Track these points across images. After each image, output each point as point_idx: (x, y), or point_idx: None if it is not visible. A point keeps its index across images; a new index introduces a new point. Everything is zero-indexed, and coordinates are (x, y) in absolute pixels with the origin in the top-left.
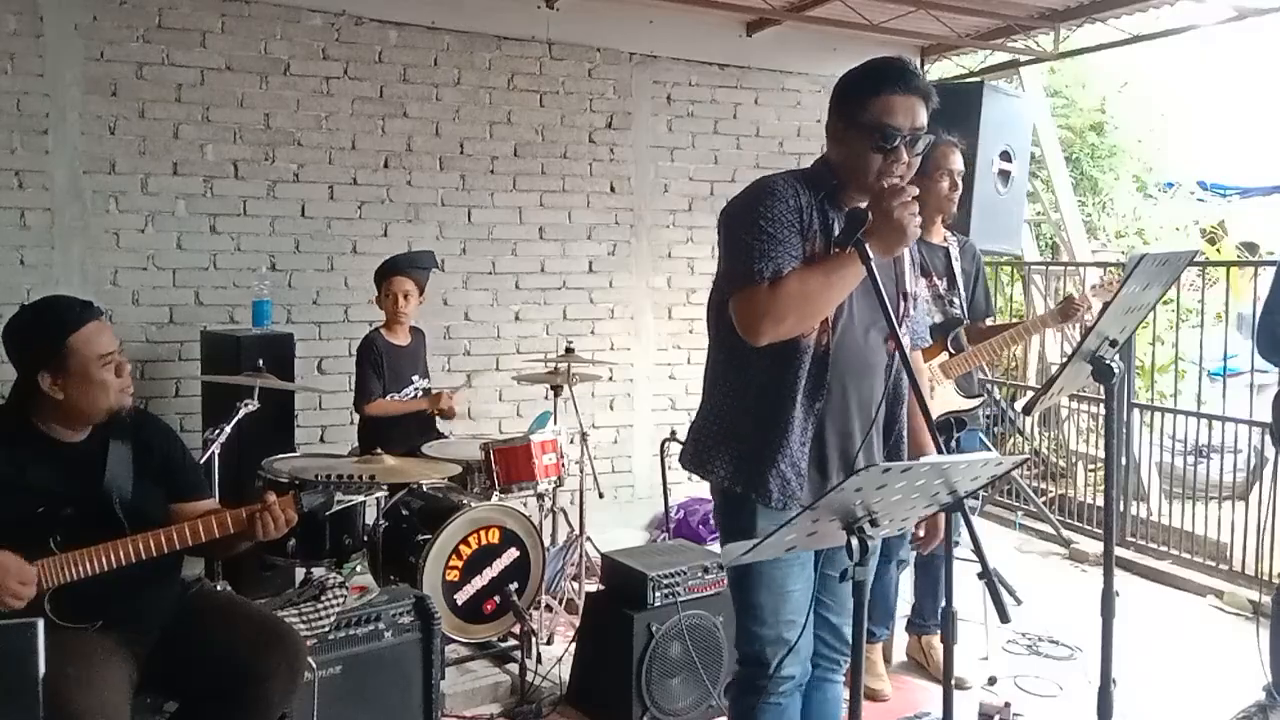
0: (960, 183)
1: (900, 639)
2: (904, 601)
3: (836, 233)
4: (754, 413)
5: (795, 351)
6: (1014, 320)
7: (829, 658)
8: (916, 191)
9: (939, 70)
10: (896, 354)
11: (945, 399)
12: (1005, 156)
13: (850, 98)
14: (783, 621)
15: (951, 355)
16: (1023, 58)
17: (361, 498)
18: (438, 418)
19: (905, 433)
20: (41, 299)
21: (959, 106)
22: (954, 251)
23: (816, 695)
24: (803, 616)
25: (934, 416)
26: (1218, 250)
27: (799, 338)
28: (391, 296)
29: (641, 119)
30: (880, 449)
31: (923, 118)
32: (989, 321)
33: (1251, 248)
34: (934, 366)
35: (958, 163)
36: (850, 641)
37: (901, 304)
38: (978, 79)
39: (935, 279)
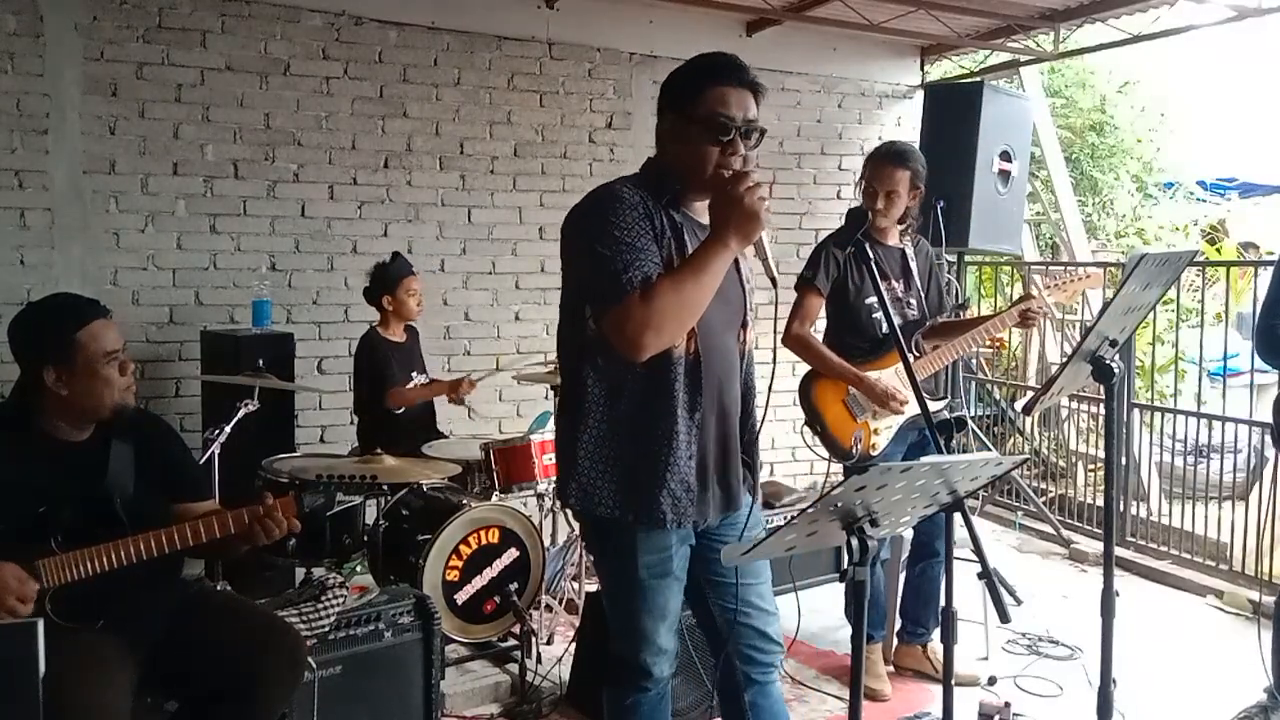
0: (895, 201)
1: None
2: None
3: (685, 238)
4: (636, 434)
5: (668, 364)
6: (974, 319)
7: (762, 662)
8: (760, 178)
9: (939, 70)
10: (747, 348)
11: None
12: (1005, 156)
13: (682, 94)
14: (662, 636)
15: (915, 358)
16: (1023, 58)
17: (362, 498)
18: (452, 402)
19: (758, 425)
20: (49, 296)
21: (959, 106)
22: (909, 252)
23: (764, 702)
24: (676, 622)
25: (908, 417)
26: (1218, 250)
27: (670, 349)
28: (414, 295)
29: (641, 119)
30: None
31: (754, 110)
32: (965, 314)
33: (1249, 246)
34: (899, 370)
35: (892, 184)
36: (778, 639)
37: (748, 300)
38: (978, 79)
39: (893, 281)
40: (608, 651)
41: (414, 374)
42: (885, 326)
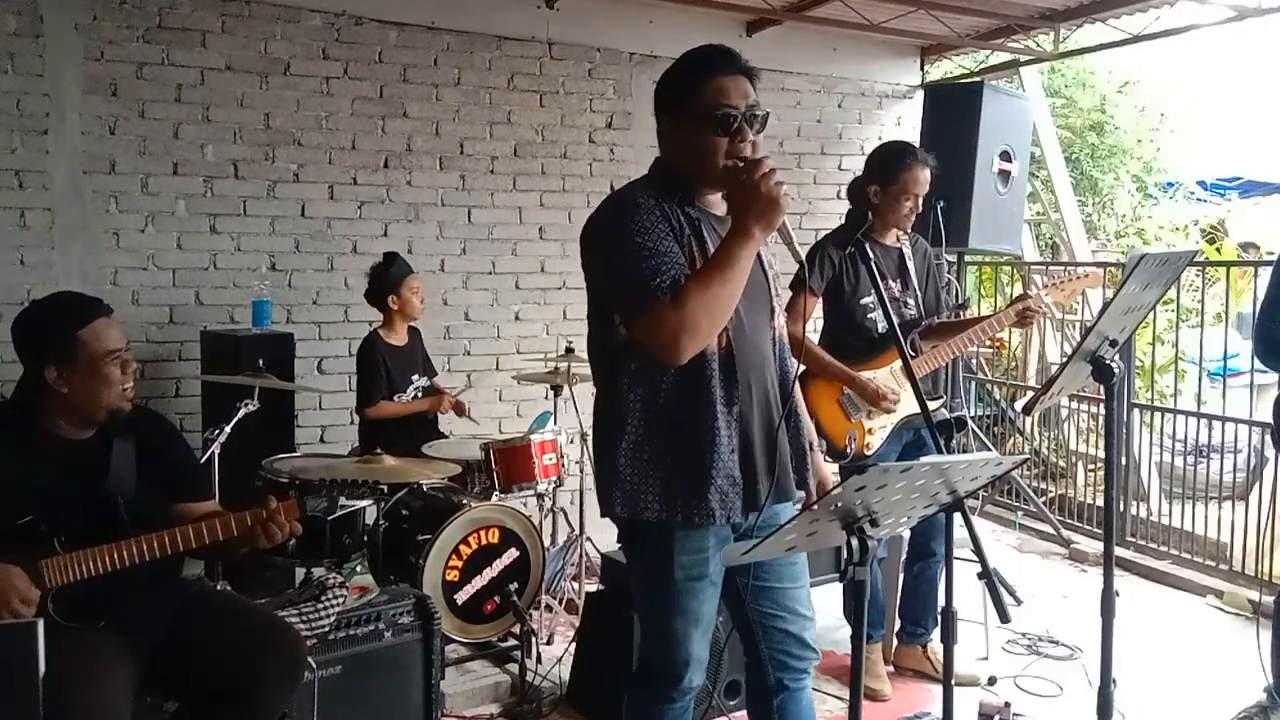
0: (919, 202)
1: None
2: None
3: (704, 233)
4: (676, 435)
5: (702, 361)
6: (974, 318)
7: (796, 668)
8: (774, 164)
9: (939, 70)
10: (778, 334)
11: (907, 401)
12: (1005, 156)
13: (680, 91)
14: (695, 642)
15: (912, 358)
16: (1023, 58)
17: (365, 503)
18: (453, 413)
19: (802, 408)
20: (52, 294)
21: (959, 106)
22: (907, 251)
23: (793, 706)
24: (710, 630)
25: (902, 417)
26: (1218, 250)
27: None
28: (417, 294)
29: (641, 119)
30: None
31: (754, 95)
32: (965, 313)
33: (1249, 246)
34: (895, 369)
35: (925, 185)
36: (813, 646)
37: (772, 286)
38: (978, 79)
39: (889, 281)
40: (635, 657)
41: (415, 376)
42: (882, 326)
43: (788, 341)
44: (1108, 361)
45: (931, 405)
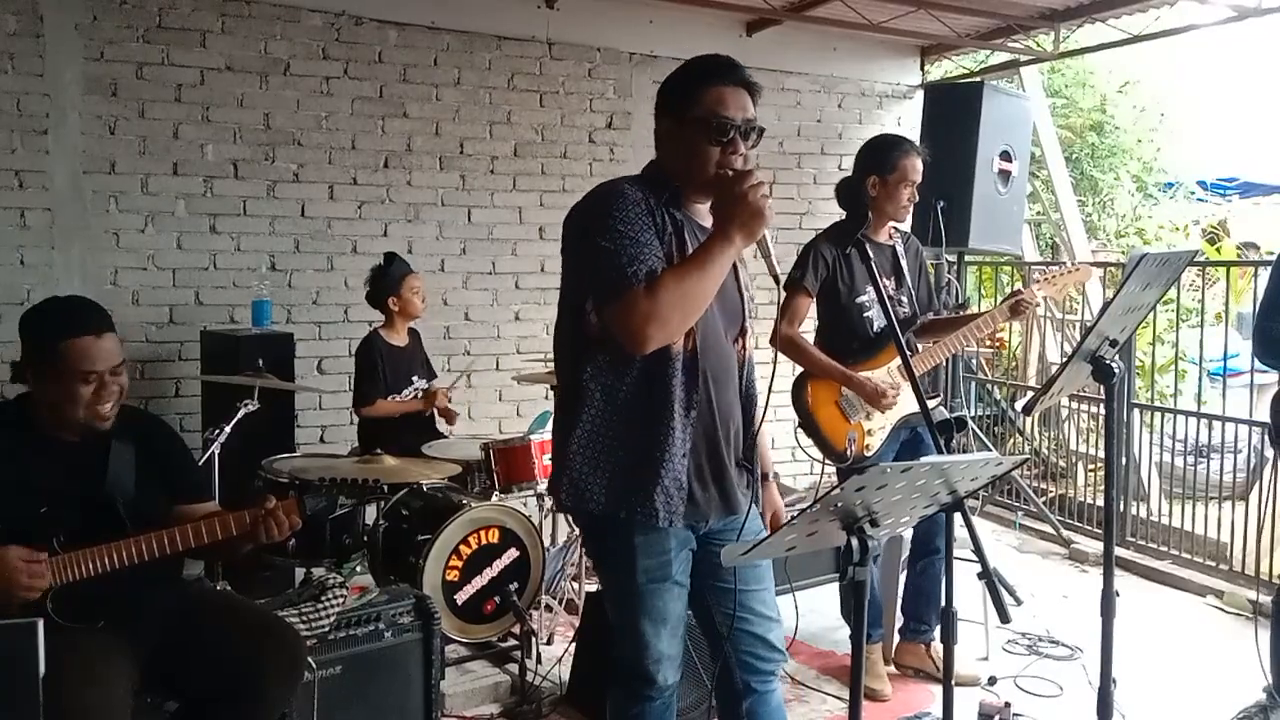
0: (916, 195)
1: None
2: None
3: (686, 237)
4: (631, 431)
5: (666, 360)
6: (969, 314)
7: (762, 670)
8: (762, 176)
9: (939, 70)
10: (747, 355)
11: (906, 399)
12: (1005, 156)
13: (680, 95)
14: (664, 641)
15: (910, 355)
16: (1023, 58)
17: (364, 501)
18: (441, 420)
19: (764, 439)
20: (64, 297)
21: (959, 106)
22: (899, 249)
23: (762, 709)
24: (680, 628)
25: (901, 416)
26: (1218, 250)
27: (667, 345)
28: (418, 294)
29: (641, 119)
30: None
31: (752, 109)
32: (966, 310)
33: (1249, 246)
34: (892, 369)
35: (920, 174)
36: (780, 648)
37: (747, 307)
38: (978, 79)
39: (883, 279)
40: (612, 656)
41: (414, 377)
42: (879, 325)
43: (754, 365)
44: (1108, 361)
45: (929, 404)
